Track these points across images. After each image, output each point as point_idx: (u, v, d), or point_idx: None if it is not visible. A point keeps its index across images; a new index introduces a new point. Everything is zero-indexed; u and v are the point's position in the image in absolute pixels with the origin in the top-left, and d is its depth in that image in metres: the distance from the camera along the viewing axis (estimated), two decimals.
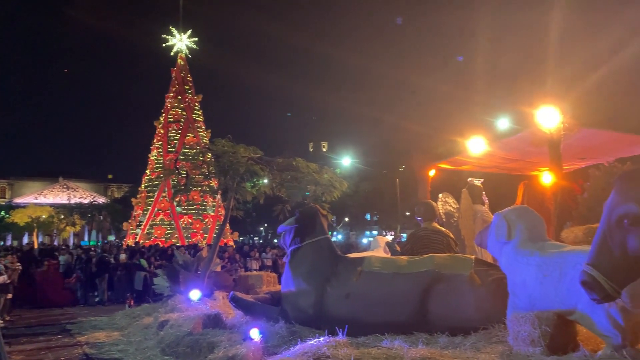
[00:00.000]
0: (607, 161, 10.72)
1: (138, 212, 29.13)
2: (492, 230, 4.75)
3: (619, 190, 2.92)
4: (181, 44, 32.21)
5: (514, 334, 4.05)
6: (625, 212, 2.81)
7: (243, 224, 38.25)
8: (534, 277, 4.16)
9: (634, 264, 2.81)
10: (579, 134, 9.12)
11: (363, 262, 5.83)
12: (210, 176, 8.89)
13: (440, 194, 10.74)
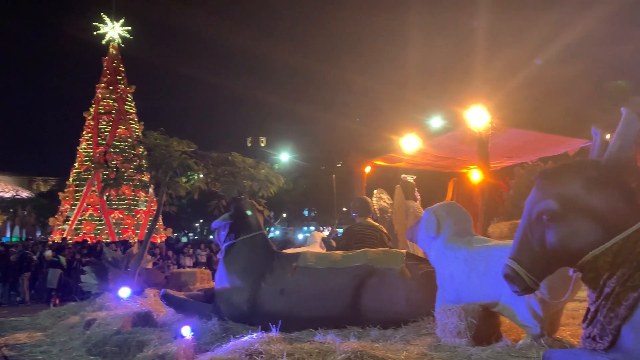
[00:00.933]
0: (531, 160, 11.31)
1: (65, 206, 27.81)
2: (422, 225, 4.89)
3: (539, 188, 3.07)
4: (113, 32, 30.93)
5: (442, 326, 4.20)
6: (544, 208, 2.95)
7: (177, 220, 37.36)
8: (461, 271, 4.33)
9: (551, 257, 2.96)
10: (506, 133, 9.57)
11: (298, 257, 5.84)
12: (142, 170, 8.61)
13: (375, 190, 10.95)
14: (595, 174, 2.92)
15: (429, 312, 4.75)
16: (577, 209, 2.88)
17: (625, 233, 2.78)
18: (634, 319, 2.63)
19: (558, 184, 2.98)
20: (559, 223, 2.90)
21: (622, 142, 2.89)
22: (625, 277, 2.71)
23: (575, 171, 3.00)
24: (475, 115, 8.69)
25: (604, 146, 3.02)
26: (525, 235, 3.04)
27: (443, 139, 10.74)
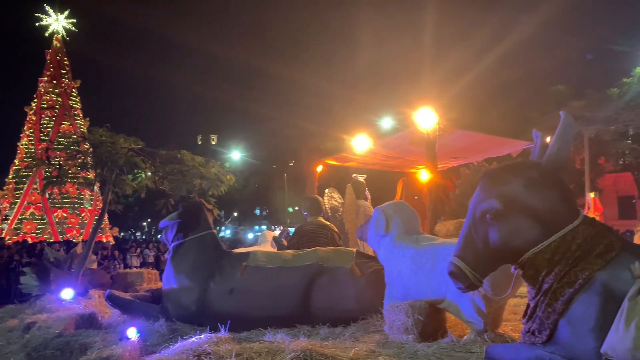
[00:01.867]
0: (477, 161, 11.68)
1: (5, 205, 26.55)
2: (372, 224, 4.96)
3: (483, 188, 3.17)
4: (57, 24, 29.74)
5: (390, 323, 4.27)
6: (488, 207, 3.05)
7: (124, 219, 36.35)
8: (409, 268, 4.41)
9: (494, 255, 3.06)
10: (453, 135, 9.83)
11: (248, 256, 5.80)
12: (87, 167, 8.33)
13: (327, 189, 11.02)
14: (535, 175, 3.04)
15: (378, 310, 4.82)
16: (518, 208, 3.00)
17: (563, 232, 2.91)
18: (569, 314, 2.76)
19: (501, 184, 3.09)
20: (501, 222, 3.01)
21: (561, 145, 3.02)
22: (562, 273, 2.84)
23: (516, 172, 3.11)
24: (424, 116, 8.89)
25: (543, 148, 3.15)
26: (469, 234, 3.13)
27: (393, 139, 10.94)
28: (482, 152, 11.78)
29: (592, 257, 2.81)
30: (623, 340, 2.43)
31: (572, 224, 2.93)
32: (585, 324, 2.69)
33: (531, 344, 2.91)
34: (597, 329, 2.63)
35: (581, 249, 2.84)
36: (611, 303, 2.62)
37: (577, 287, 2.77)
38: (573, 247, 2.85)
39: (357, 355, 3.66)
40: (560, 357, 2.74)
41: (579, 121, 17.71)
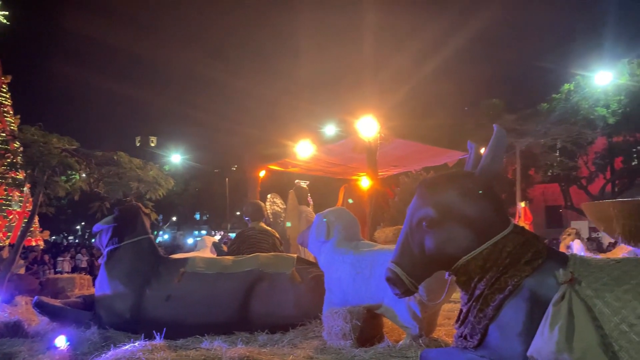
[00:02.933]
0: (415, 169, 12.00)
1: None
2: (313, 230, 4.99)
3: (420, 196, 3.26)
4: None
5: (328, 329, 4.30)
6: (424, 215, 3.14)
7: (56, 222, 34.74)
8: (348, 274, 4.47)
9: (429, 261, 3.16)
10: (393, 143, 10.05)
11: (186, 262, 5.68)
12: (16, 167, 7.90)
13: (269, 195, 10.96)
14: (469, 185, 3.15)
15: (317, 316, 4.84)
16: (453, 216, 3.10)
17: (494, 239, 3.03)
18: (499, 319, 2.88)
19: (437, 193, 3.18)
20: (436, 229, 3.10)
21: (494, 156, 3.15)
22: (493, 280, 2.95)
23: (452, 181, 3.22)
24: (366, 124, 9.05)
25: (477, 159, 3.27)
26: (406, 241, 3.21)
27: (335, 147, 11.04)
28: (420, 161, 12.11)
29: (521, 265, 2.94)
30: (547, 344, 2.56)
31: (503, 232, 3.06)
32: (513, 328, 2.81)
33: (463, 348, 3.01)
34: (524, 333, 2.75)
35: (511, 257, 2.96)
36: (537, 308, 2.75)
37: (507, 293, 2.89)
38: (503, 255, 2.98)
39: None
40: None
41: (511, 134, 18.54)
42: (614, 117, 21.87)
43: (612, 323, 2.54)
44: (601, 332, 2.54)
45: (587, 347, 2.48)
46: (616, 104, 21.79)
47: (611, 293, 2.62)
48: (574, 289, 2.67)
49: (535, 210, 24.46)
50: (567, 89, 22.84)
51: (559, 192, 29.27)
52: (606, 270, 2.76)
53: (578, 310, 2.59)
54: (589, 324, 2.55)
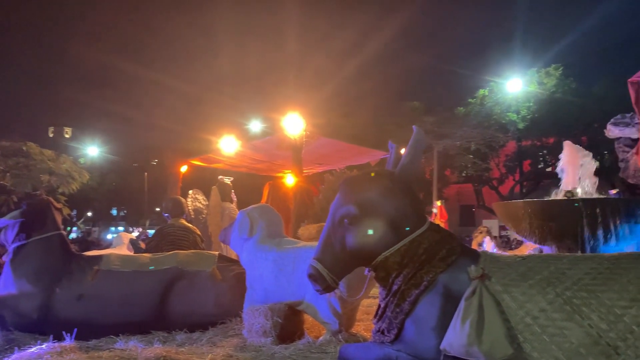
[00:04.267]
0: (339, 167, 12.17)
1: None
2: (236, 227, 4.93)
3: (342, 194, 3.33)
4: None
5: (249, 326, 4.27)
6: (346, 212, 3.20)
7: None
8: (270, 271, 4.46)
9: (350, 258, 3.22)
10: (318, 141, 10.17)
11: (101, 260, 5.43)
12: None
13: (191, 191, 10.74)
14: (389, 184, 3.25)
15: (238, 314, 4.80)
16: (373, 214, 3.18)
17: (411, 236, 3.14)
18: (415, 313, 2.99)
19: (358, 191, 3.26)
20: (357, 226, 3.17)
21: (412, 157, 3.26)
22: (409, 275, 3.06)
23: (373, 180, 3.31)
24: (291, 122, 9.08)
25: (398, 159, 3.39)
26: (328, 237, 3.26)
27: (261, 143, 11.01)
28: (344, 159, 12.32)
29: (436, 261, 3.06)
30: (459, 337, 2.68)
31: (420, 229, 3.18)
32: (428, 322, 2.92)
33: (381, 343, 3.10)
34: (438, 327, 2.87)
35: (427, 253, 3.08)
36: (450, 303, 2.87)
37: (422, 288, 3.00)
38: (420, 251, 3.09)
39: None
40: (406, 354, 2.95)
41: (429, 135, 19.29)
42: (524, 122, 23.32)
43: (518, 316, 2.70)
44: (508, 324, 2.70)
45: (494, 339, 2.63)
46: (526, 110, 23.24)
47: (517, 288, 2.79)
48: (484, 284, 2.82)
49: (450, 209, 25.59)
50: (482, 94, 24.08)
51: (472, 192, 30.80)
52: (513, 266, 2.94)
53: (487, 304, 2.74)
54: (497, 317, 2.70)
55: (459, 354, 2.70)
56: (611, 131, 4.18)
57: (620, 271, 2.70)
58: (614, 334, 2.52)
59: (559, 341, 2.59)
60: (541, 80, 23.46)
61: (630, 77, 3.94)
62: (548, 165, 26.01)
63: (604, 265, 2.76)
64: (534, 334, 2.64)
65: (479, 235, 11.67)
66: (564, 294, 2.68)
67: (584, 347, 2.55)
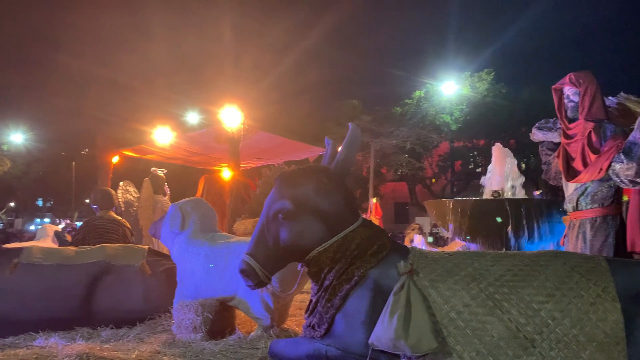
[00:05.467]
0: (278, 162, 12.12)
1: None
2: (167, 220, 4.80)
3: (277, 189, 3.31)
4: None
5: (178, 322, 4.18)
6: (281, 207, 3.20)
7: None
8: (202, 266, 4.38)
9: (283, 253, 3.22)
10: (256, 135, 10.08)
11: (21, 252, 5.14)
12: None
13: (122, 182, 10.37)
14: (325, 180, 3.27)
15: (168, 309, 4.69)
16: (308, 209, 3.19)
17: (344, 232, 3.17)
18: (345, 308, 3.02)
19: (294, 186, 3.26)
20: (292, 221, 3.17)
21: (347, 153, 3.30)
22: (341, 271, 3.09)
23: (308, 176, 3.31)
24: (229, 115, 8.94)
25: (333, 155, 3.41)
26: (262, 233, 3.24)
27: (197, 135, 10.77)
28: (283, 154, 12.28)
29: (367, 256, 3.11)
30: (387, 331, 2.73)
31: (352, 225, 3.22)
32: (357, 317, 2.96)
33: (311, 338, 3.11)
34: (367, 321, 2.92)
35: (358, 249, 3.12)
36: (380, 298, 2.93)
37: (353, 283, 3.04)
38: (352, 247, 3.13)
39: (140, 357, 3.50)
40: (335, 348, 2.97)
41: (367, 134, 19.60)
42: (457, 124, 24.15)
43: (443, 311, 2.79)
44: (434, 319, 2.78)
45: (421, 334, 2.70)
46: (459, 113, 24.08)
47: (444, 283, 2.88)
48: (413, 279, 2.89)
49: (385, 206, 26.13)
50: (418, 96, 24.71)
51: (406, 190, 31.60)
52: (440, 262, 3.03)
53: (415, 299, 2.81)
54: (424, 312, 2.78)
55: (387, 348, 2.76)
56: (535, 135, 4.38)
57: (538, 268, 2.84)
58: (531, 328, 2.65)
59: (480, 335, 2.70)
60: (474, 84, 24.37)
61: (554, 84, 4.14)
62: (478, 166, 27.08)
63: (524, 263, 2.90)
64: (458, 328, 2.74)
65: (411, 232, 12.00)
66: (486, 290, 2.80)
67: (504, 340, 2.67)
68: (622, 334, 2.55)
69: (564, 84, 4.03)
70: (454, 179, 29.63)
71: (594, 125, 3.81)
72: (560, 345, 2.60)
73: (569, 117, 4.02)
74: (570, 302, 2.67)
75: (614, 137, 3.72)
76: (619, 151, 3.52)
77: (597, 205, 3.81)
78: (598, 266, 2.81)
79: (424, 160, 27.84)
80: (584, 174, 3.80)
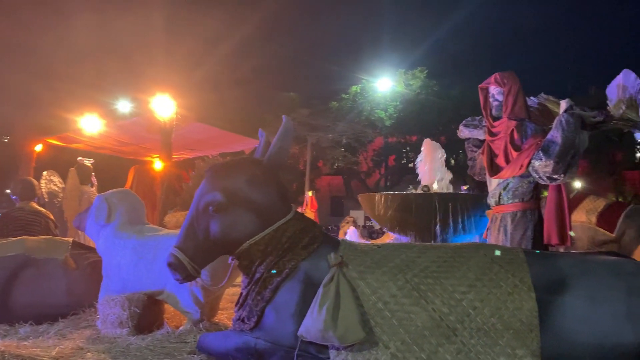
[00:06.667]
0: (212, 154, 11.93)
1: None
2: (92, 212, 4.62)
3: (208, 180, 3.27)
4: None
5: (103, 317, 4.04)
6: (211, 199, 3.16)
7: None
8: (129, 260, 4.24)
9: (213, 246, 3.18)
10: (190, 126, 9.87)
11: None
12: None
13: (45, 172, 9.86)
14: (257, 172, 3.25)
15: (93, 304, 4.52)
16: (239, 202, 3.17)
17: (276, 225, 3.18)
18: (275, 301, 3.03)
19: (225, 178, 3.22)
20: (223, 214, 3.14)
21: (280, 146, 3.29)
22: (272, 263, 3.09)
23: (240, 168, 3.29)
24: (161, 104, 8.70)
25: (267, 147, 3.39)
26: (191, 225, 3.19)
27: (127, 124, 10.42)
28: (217, 146, 12.09)
29: (299, 249, 3.13)
30: (316, 323, 2.76)
31: (284, 218, 3.22)
32: (287, 309, 2.98)
33: (240, 331, 3.10)
34: (297, 313, 2.94)
35: (290, 241, 3.14)
36: (310, 290, 2.95)
37: (284, 275, 3.05)
38: (283, 239, 3.14)
39: (61, 354, 3.36)
40: (264, 341, 2.98)
41: (304, 127, 19.66)
42: (391, 120, 24.68)
43: (371, 302, 2.86)
44: (362, 310, 2.84)
45: (348, 325, 2.75)
46: (393, 109, 24.62)
47: (372, 275, 2.94)
48: (342, 271, 2.94)
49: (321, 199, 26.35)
50: (355, 91, 25.03)
51: (342, 183, 31.99)
52: (370, 254, 3.10)
53: (344, 290, 2.86)
54: (352, 303, 2.83)
55: (315, 339, 2.79)
56: (462, 132, 4.55)
57: (461, 260, 2.96)
58: (454, 317, 2.76)
59: (406, 324, 2.79)
60: (408, 81, 24.97)
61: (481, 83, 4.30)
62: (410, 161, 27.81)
63: (448, 254, 3.02)
64: (385, 318, 2.81)
65: (346, 225, 12.17)
66: (412, 281, 2.89)
67: (428, 329, 2.76)
68: (536, 322, 2.70)
69: (489, 84, 4.20)
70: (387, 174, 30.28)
71: (517, 123, 4.00)
72: (480, 334, 2.72)
73: (494, 116, 4.20)
74: (490, 292, 2.80)
75: (534, 136, 3.92)
76: (539, 149, 3.71)
77: (518, 200, 4.01)
78: (516, 258, 2.96)
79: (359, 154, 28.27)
80: (506, 170, 3.99)
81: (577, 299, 2.73)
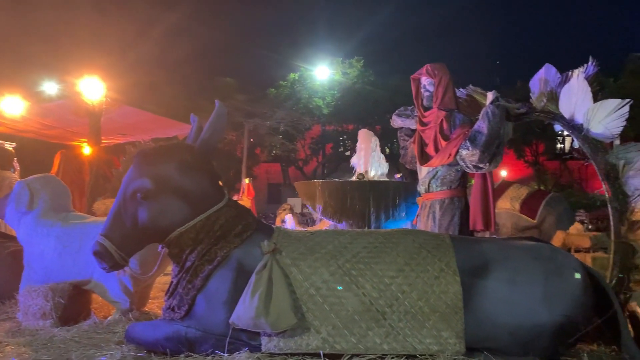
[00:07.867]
0: (144, 139, 11.53)
1: None
2: (12, 199, 4.37)
3: (136, 166, 3.16)
4: None
5: (25, 309, 3.85)
6: (140, 186, 3.05)
7: None
8: (53, 249, 4.06)
9: (142, 234, 3.09)
10: (120, 110, 9.48)
11: None
12: None
13: None
14: (188, 158, 3.17)
15: (13, 295, 4.29)
16: (169, 188, 3.08)
17: (208, 212, 3.12)
18: (207, 289, 2.99)
19: (154, 164, 3.13)
20: (151, 201, 3.05)
21: (213, 131, 3.23)
22: (204, 251, 3.04)
23: (171, 153, 3.20)
24: (89, 86, 8.30)
25: (199, 132, 3.31)
26: (118, 212, 3.08)
27: (53, 107, 9.86)
28: (150, 131, 11.70)
29: (231, 237, 3.09)
30: (248, 310, 2.76)
31: (217, 205, 3.17)
32: (219, 297, 2.95)
33: (170, 320, 3.04)
34: (229, 301, 2.91)
35: (222, 229, 3.10)
36: (242, 277, 2.93)
37: (216, 263, 3.01)
38: (215, 227, 3.09)
39: None
40: (195, 329, 2.94)
41: (241, 113, 19.39)
42: (328, 108, 24.79)
43: (303, 288, 2.88)
44: (294, 296, 2.86)
45: (281, 311, 2.76)
46: (330, 97, 24.74)
47: (305, 261, 2.96)
48: (275, 258, 2.94)
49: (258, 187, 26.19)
50: (293, 78, 24.94)
51: (280, 171, 31.91)
52: (303, 241, 3.11)
53: (277, 277, 2.86)
54: (285, 289, 2.84)
55: (247, 326, 2.78)
56: (395, 121, 4.65)
57: (391, 245, 3.04)
58: (383, 301, 2.84)
59: (337, 309, 2.83)
60: (345, 70, 25.14)
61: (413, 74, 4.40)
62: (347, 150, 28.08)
63: (379, 240, 3.08)
64: (316, 303, 2.85)
65: (282, 212, 12.16)
66: (344, 266, 2.93)
67: (358, 314, 2.82)
68: (461, 304, 2.82)
69: (421, 74, 4.30)
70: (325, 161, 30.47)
71: (446, 114, 4.13)
72: (408, 317, 2.81)
73: (425, 106, 4.31)
74: (418, 276, 2.90)
75: (462, 126, 4.06)
76: (466, 138, 3.85)
77: (446, 187, 4.15)
78: (443, 243, 3.07)
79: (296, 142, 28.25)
80: (435, 159, 4.11)
81: (498, 282, 2.87)
